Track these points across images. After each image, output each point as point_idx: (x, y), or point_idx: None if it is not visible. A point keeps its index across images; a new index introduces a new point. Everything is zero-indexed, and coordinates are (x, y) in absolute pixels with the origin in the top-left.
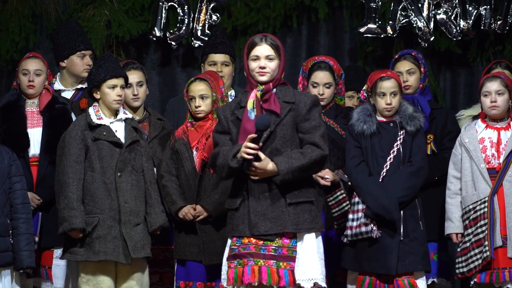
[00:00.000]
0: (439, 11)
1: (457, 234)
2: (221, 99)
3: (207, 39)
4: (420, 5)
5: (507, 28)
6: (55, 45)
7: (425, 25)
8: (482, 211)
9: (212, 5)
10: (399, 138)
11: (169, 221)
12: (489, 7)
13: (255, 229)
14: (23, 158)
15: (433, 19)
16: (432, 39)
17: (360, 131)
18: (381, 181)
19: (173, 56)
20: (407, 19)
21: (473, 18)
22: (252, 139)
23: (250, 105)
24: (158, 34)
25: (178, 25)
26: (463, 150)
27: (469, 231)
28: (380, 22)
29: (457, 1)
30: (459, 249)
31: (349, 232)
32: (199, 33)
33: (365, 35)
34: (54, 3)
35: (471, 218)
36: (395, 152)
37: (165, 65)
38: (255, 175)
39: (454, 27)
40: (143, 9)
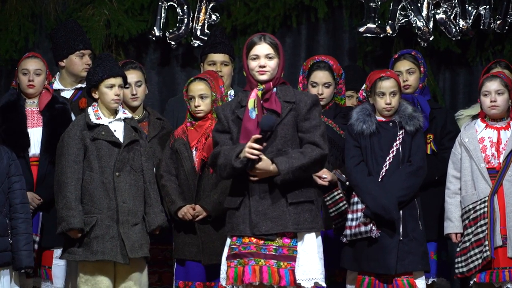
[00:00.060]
0: (439, 11)
1: (456, 234)
2: (221, 98)
3: (206, 38)
4: (419, 5)
5: (507, 27)
6: (54, 44)
7: (424, 24)
8: (482, 211)
9: (211, 4)
10: (398, 138)
11: (168, 221)
12: (488, 6)
13: (256, 229)
14: (23, 158)
15: (432, 19)
16: (431, 38)
17: (359, 130)
18: (380, 181)
19: (173, 55)
20: (406, 19)
21: (472, 17)
22: (256, 139)
23: (251, 105)
24: (157, 33)
25: (177, 25)
26: (463, 149)
27: (469, 230)
28: (379, 21)
29: (456, 0)
30: (458, 249)
31: (348, 232)
32: (199, 32)
33: (365, 35)
34: (53, 3)
35: (471, 217)
36: (395, 151)
37: (164, 65)
38: (255, 175)
39: (453, 26)
40: (142, 9)
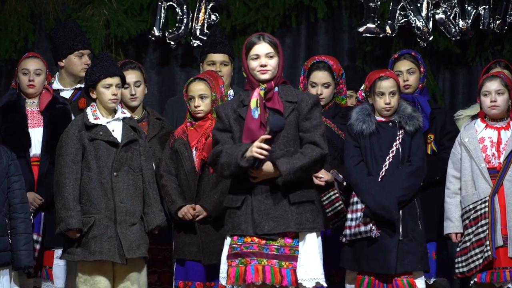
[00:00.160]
0: (438, 11)
1: (456, 233)
2: (221, 98)
3: (206, 38)
4: (419, 5)
5: (506, 27)
6: (54, 44)
7: (424, 24)
8: (482, 211)
9: (211, 4)
10: (398, 137)
11: (168, 221)
12: (488, 6)
13: (259, 229)
14: (24, 158)
15: (432, 19)
16: (431, 38)
17: (359, 130)
18: (380, 180)
19: (172, 55)
20: (406, 19)
21: (472, 17)
22: (265, 139)
23: (253, 104)
24: (157, 33)
25: (177, 25)
26: (463, 149)
27: (469, 230)
28: (379, 21)
29: (456, 0)
30: (458, 249)
31: (348, 231)
32: (198, 32)
33: (364, 35)
34: (53, 3)
35: (471, 217)
36: (394, 151)
37: (164, 65)
38: (255, 176)
39: (453, 26)
40: (142, 9)
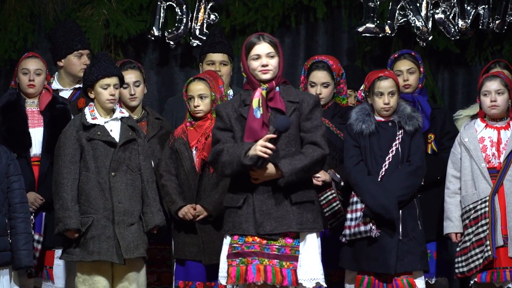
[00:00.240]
0: (438, 11)
1: (456, 233)
2: (220, 98)
3: (205, 38)
4: (418, 5)
5: (506, 27)
6: (53, 44)
7: (423, 24)
8: (483, 211)
9: (210, 4)
10: (397, 137)
11: (167, 221)
12: (487, 6)
13: (261, 228)
14: (24, 158)
15: (431, 19)
16: (430, 38)
17: (359, 130)
18: (379, 180)
19: (171, 55)
20: (405, 19)
21: (471, 17)
22: (269, 139)
23: (255, 104)
24: (156, 33)
25: (176, 25)
26: (463, 149)
27: (469, 230)
28: (378, 21)
29: (455, 0)
30: (458, 249)
31: (347, 231)
32: (197, 32)
33: (363, 35)
34: (52, 3)
35: (471, 217)
36: (394, 151)
37: (163, 65)
38: (256, 178)
39: (452, 26)
40: (141, 9)
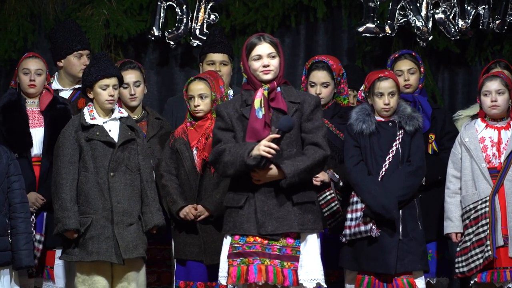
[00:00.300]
0: (438, 11)
1: (456, 233)
2: (221, 98)
3: (205, 38)
4: (418, 5)
5: (506, 27)
6: (53, 44)
7: (423, 24)
8: (483, 211)
9: (210, 4)
10: (398, 137)
11: (166, 220)
12: (487, 6)
13: (263, 229)
14: (25, 158)
15: (431, 19)
16: (430, 38)
17: (359, 130)
18: (380, 180)
19: (172, 55)
20: (405, 19)
21: (471, 17)
22: (273, 139)
23: (257, 104)
24: (156, 33)
25: (176, 25)
26: (463, 149)
27: (470, 230)
28: (378, 21)
29: (455, 0)
30: (458, 249)
31: (347, 231)
32: (198, 32)
33: (364, 35)
34: (52, 3)
35: (471, 217)
36: (394, 151)
37: (163, 65)
38: (258, 179)
39: (452, 26)
40: (141, 9)
